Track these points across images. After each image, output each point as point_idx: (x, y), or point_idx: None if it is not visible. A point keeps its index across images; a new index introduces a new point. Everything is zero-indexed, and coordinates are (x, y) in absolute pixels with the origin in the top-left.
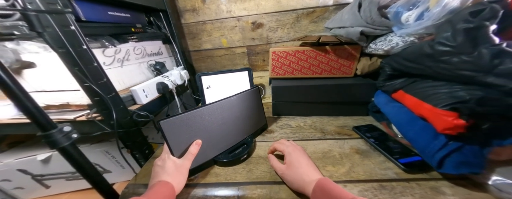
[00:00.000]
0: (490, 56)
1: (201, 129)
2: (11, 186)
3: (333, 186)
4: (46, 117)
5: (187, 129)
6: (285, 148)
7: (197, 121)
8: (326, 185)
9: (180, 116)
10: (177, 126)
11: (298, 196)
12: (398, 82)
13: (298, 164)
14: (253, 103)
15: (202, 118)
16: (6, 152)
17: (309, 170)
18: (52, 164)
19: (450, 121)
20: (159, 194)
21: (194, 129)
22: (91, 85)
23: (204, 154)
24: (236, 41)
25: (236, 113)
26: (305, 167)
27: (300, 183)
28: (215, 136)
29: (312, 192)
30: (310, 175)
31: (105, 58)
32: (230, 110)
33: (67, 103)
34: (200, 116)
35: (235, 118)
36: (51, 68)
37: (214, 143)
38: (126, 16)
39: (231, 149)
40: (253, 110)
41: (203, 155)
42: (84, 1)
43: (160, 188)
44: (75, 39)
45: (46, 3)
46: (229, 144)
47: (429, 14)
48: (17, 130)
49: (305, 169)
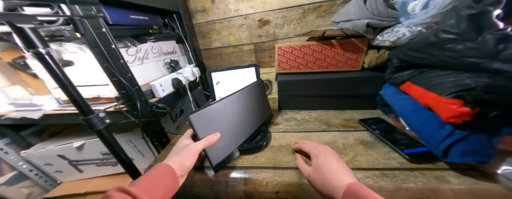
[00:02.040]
0: (494, 42)
1: (224, 120)
2: (52, 169)
3: (366, 191)
4: (87, 104)
5: (212, 120)
6: (311, 149)
7: (220, 112)
8: (358, 189)
9: (206, 108)
10: (204, 118)
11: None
12: (406, 73)
13: (327, 168)
14: (260, 94)
15: (224, 109)
16: (48, 141)
17: (338, 174)
18: (85, 151)
19: (455, 109)
20: (149, 177)
21: (218, 119)
22: (120, 79)
23: (229, 145)
24: (244, 39)
25: (250, 103)
26: (334, 171)
27: (329, 188)
28: (236, 126)
29: (342, 196)
30: (340, 180)
31: (128, 57)
32: (245, 101)
33: (98, 96)
34: (223, 107)
35: (250, 108)
36: (85, 66)
37: (236, 132)
38: (145, 18)
39: (251, 137)
40: (261, 100)
41: (229, 146)
42: (111, 6)
43: (153, 170)
44: (106, 39)
45: (84, 10)
46: (249, 132)
47: (434, 2)
48: (58, 119)
49: (334, 174)
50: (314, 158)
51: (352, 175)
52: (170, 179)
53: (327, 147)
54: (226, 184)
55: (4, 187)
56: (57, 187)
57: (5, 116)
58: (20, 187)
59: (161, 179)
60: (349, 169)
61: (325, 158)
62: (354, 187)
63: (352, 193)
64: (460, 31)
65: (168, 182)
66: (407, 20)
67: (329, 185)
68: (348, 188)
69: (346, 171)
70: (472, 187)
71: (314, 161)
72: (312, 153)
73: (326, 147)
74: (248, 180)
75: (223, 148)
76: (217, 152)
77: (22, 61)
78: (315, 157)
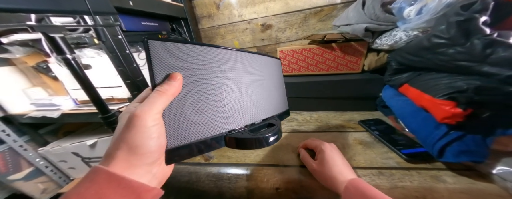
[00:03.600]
0: (481, 46)
1: (214, 81)
2: (66, 166)
3: (368, 186)
4: (106, 105)
5: (192, 71)
6: (318, 144)
7: (213, 66)
8: (360, 184)
9: (187, 45)
10: (178, 59)
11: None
12: (404, 76)
13: (333, 162)
14: (278, 76)
15: (217, 65)
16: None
17: (343, 169)
18: (97, 148)
19: (448, 110)
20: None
21: (204, 76)
22: (134, 80)
23: (211, 124)
24: (247, 42)
25: (262, 80)
26: (340, 166)
27: (333, 181)
28: (232, 101)
29: (344, 189)
30: (345, 174)
31: (139, 61)
32: (254, 72)
33: (112, 97)
34: (217, 60)
35: (259, 87)
36: (101, 69)
37: (229, 110)
38: (155, 24)
39: (254, 128)
40: (278, 85)
41: (211, 126)
42: (125, 15)
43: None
44: (121, 45)
45: (104, 19)
46: (250, 118)
47: (427, 8)
48: (75, 119)
49: (340, 168)
50: (320, 153)
51: (354, 172)
52: (115, 195)
53: (333, 144)
54: (229, 180)
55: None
56: (70, 183)
57: (27, 115)
58: (36, 183)
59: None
60: (351, 167)
61: (331, 153)
62: (357, 181)
63: (354, 186)
64: (450, 36)
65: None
66: (403, 25)
67: (333, 178)
68: (351, 182)
69: (350, 168)
70: (468, 186)
71: (320, 156)
72: (318, 148)
73: (332, 145)
74: (249, 177)
75: (198, 124)
76: (184, 127)
77: (45, 65)
78: (322, 152)
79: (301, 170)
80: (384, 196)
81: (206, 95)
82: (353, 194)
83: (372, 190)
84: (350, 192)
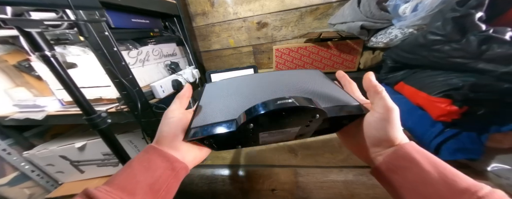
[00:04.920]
0: (477, 42)
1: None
2: (54, 170)
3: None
4: (90, 105)
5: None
6: (379, 89)
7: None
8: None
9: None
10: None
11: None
12: (399, 74)
13: (395, 116)
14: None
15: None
16: (50, 142)
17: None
18: (86, 151)
19: (443, 107)
20: (127, 167)
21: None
22: (121, 80)
23: (231, 107)
24: (243, 41)
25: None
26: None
27: (391, 136)
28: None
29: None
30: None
31: (129, 59)
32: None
33: (100, 97)
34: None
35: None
36: (88, 68)
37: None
38: (146, 22)
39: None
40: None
41: (230, 108)
42: (113, 10)
43: (133, 159)
44: (108, 42)
45: (88, 14)
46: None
47: (423, 5)
48: (61, 120)
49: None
50: (382, 100)
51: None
52: (158, 160)
53: None
54: (223, 181)
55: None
56: (58, 187)
57: (9, 117)
58: (22, 188)
59: (144, 163)
60: None
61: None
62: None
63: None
64: (446, 33)
65: (155, 164)
66: (398, 22)
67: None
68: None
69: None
70: None
71: (382, 103)
72: (380, 95)
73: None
74: (244, 178)
75: (219, 110)
76: (207, 111)
77: (27, 63)
78: (383, 99)
79: (297, 170)
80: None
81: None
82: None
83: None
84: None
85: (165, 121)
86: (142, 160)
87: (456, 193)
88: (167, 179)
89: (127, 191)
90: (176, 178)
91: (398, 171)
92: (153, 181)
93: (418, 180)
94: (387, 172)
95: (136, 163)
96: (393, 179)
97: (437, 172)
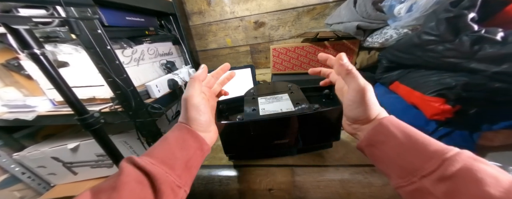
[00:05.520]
0: (470, 43)
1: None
2: (46, 172)
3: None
4: (82, 104)
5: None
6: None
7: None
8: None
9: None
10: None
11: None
12: (394, 73)
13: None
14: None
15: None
16: (42, 143)
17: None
18: (79, 152)
19: (437, 106)
20: (164, 141)
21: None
22: (115, 79)
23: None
24: (240, 40)
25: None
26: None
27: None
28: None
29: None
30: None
31: (124, 58)
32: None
33: (94, 97)
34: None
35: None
36: (80, 67)
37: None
38: (141, 20)
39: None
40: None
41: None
42: (107, 8)
43: (169, 133)
44: (101, 41)
45: (80, 11)
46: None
47: (417, 5)
48: (53, 121)
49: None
50: (353, 80)
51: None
52: (191, 140)
53: None
54: (220, 182)
55: None
56: (51, 190)
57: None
58: (12, 191)
59: (180, 141)
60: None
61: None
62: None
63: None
64: (439, 33)
65: (189, 143)
66: (394, 23)
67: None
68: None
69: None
70: None
71: (353, 82)
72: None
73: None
74: (241, 178)
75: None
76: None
77: (16, 62)
78: (354, 78)
79: (294, 170)
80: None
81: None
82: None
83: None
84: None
85: (191, 107)
86: (177, 138)
87: (426, 158)
88: (198, 158)
89: (168, 165)
90: (202, 157)
91: (377, 145)
92: (187, 159)
93: (394, 152)
94: (368, 147)
95: (173, 140)
96: (374, 154)
97: (410, 142)
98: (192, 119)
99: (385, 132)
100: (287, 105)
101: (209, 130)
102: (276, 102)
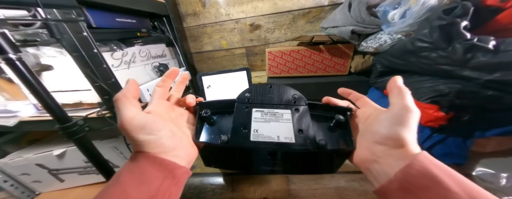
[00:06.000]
0: (462, 51)
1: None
2: (30, 179)
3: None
4: (64, 112)
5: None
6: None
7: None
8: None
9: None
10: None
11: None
12: (389, 78)
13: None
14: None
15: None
16: (26, 149)
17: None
18: (66, 159)
19: (431, 113)
20: (109, 187)
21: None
22: (101, 84)
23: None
24: (235, 43)
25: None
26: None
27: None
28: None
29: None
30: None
31: (113, 61)
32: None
33: (80, 102)
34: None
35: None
36: (66, 70)
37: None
38: (132, 22)
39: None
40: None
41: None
42: (95, 9)
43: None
44: (87, 44)
45: (63, 13)
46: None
47: (410, 12)
48: (37, 127)
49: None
50: (402, 100)
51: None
52: (152, 170)
53: None
54: (213, 191)
55: None
56: (35, 198)
57: None
58: None
59: (137, 175)
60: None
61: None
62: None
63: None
64: (433, 40)
65: (149, 174)
66: (388, 28)
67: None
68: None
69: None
70: None
71: (401, 102)
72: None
73: None
74: (235, 187)
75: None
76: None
77: None
78: (404, 99)
79: (289, 178)
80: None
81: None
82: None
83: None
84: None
85: (134, 130)
86: (132, 172)
87: None
88: (168, 188)
89: None
90: (178, 185)
91: (415, 191)
92: (150, 195)
93: None
94: (400, 192)
95: (125, 176)
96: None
97: (466, 194)
98: (145, 142)
99: (429, 175)
100: (287, 132)
101: (180, 147)
102: (273, 122)
